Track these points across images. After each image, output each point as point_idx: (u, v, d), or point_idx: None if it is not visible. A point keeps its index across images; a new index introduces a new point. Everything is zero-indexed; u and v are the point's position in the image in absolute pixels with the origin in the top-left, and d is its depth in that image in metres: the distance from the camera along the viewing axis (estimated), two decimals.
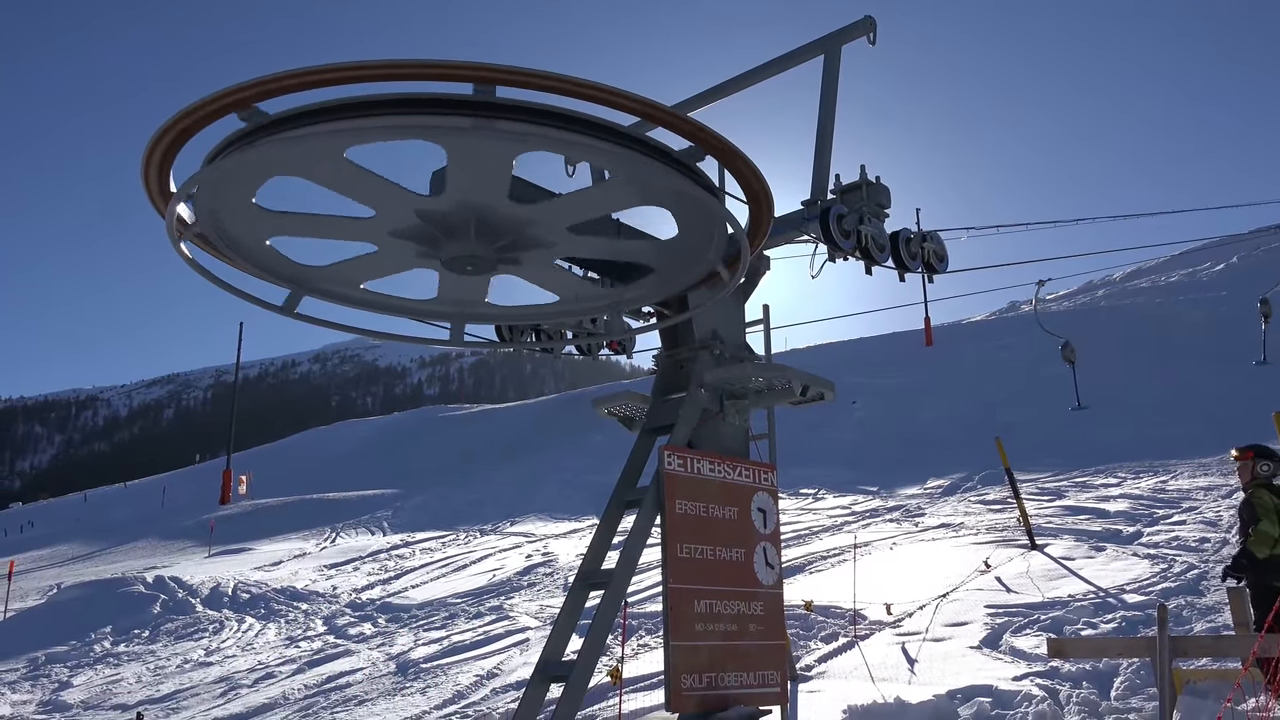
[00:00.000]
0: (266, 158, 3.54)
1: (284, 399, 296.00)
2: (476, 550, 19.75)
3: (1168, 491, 15.68)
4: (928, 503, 18.35)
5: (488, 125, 3.24)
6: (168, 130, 3.41)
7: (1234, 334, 29.78)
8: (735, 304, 5.63)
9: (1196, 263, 48.21)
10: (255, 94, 3.25)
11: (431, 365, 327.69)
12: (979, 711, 7.59)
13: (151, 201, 3.87)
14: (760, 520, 5.23)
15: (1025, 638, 9.38)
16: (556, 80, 3.13)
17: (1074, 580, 11.26)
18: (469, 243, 3.98)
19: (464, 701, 9.82)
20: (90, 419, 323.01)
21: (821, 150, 5.57)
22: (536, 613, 13.26)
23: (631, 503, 4.99)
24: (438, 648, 12.06)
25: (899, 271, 5.86)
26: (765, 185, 3.93)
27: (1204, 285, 40.05)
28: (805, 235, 5.55)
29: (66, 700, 12.00)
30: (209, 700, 11.10)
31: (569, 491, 26.81)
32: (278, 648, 13.34)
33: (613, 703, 8.68)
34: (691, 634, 4.69)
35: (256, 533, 27.08)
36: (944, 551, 13.77)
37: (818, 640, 10.41)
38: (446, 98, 3.23)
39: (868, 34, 5.86)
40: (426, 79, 3.15)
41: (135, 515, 41.03)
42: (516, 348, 6.06)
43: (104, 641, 14.95)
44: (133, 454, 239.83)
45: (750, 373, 5.35)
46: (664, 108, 3.39)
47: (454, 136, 3.34)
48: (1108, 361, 28.78)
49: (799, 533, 16.57)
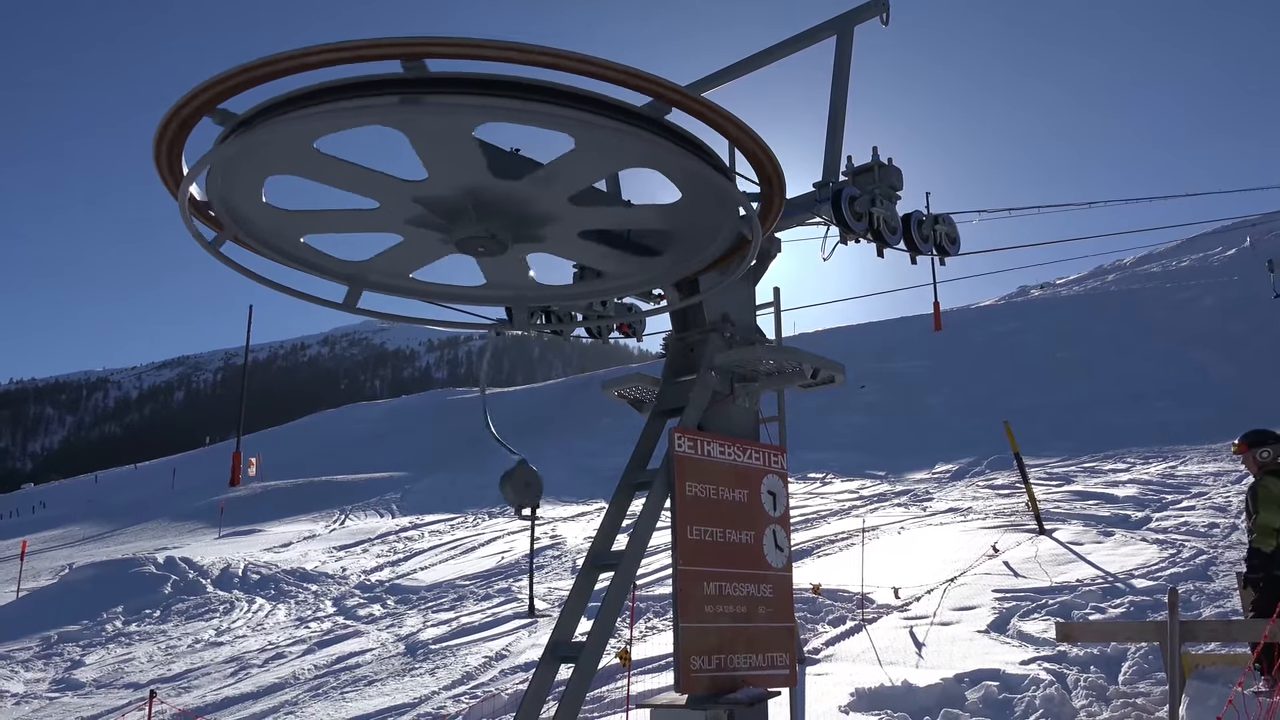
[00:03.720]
0: (251, 159, 3.55)
1: (293, 382, 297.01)
2: (485, 533, 19.84)
3: (1177, 476, 15.64)
4: (936, 487, 18.34)
5: (415, 100, 3.17)
6: (163, 132, 3.41)
7: (1245, 318, 29.64)
8: (746, 286, 5.60)
9: (1208, 247, 47.93)
10: (214, 96, 3.24)
11: (440, 349, 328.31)
12: (986, 695, 7.60)
13: (204, 222, 3.94)
14: (770, 503, 5.23)
15: (1033, 622, 9.39)
16: (485, 46, 3.01)
17: (1082, 565, 11.26)
18: (472, 224, 3.97)
19: (473, 682, 9.88)
20: (101, 401, 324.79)
21: (833, 132, 5.53)
22: (545, 595, 13.31)
23: (641, 485, 4.99)
24: (447, 629, 12.13)
25: (911, 254, 5.83)
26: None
27: (1215, 270, 39.83)
28: (816, 218, 5.52)
29: (79, 679, 12.11)
30: (220, 679, 11.19)
31: (578, 475, 26.87)
32: (288, 628, 13.44)
33: (622, 684, 8.72)
34: (701, 616, 4.69)
35: (266, 514, 27.22)
36: (952, 536, 13.77)
37: (825, 624, 10.43)
38: (374, 80, 3.15)
39: (880, 14, 5.81)
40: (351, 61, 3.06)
41: (146, 496, 41.27)
42: (526, 329, 6.04)
43: (115, 621, 15.07)
44: (143, 436, 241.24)
45: (761, 355, 5.33)
46: (609, 62, 3.16)
47: (397, 116, 3.28)
48: (1118, 346, 28.68)
49: (807, 516, 16.59)
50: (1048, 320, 36.20)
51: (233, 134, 3.38)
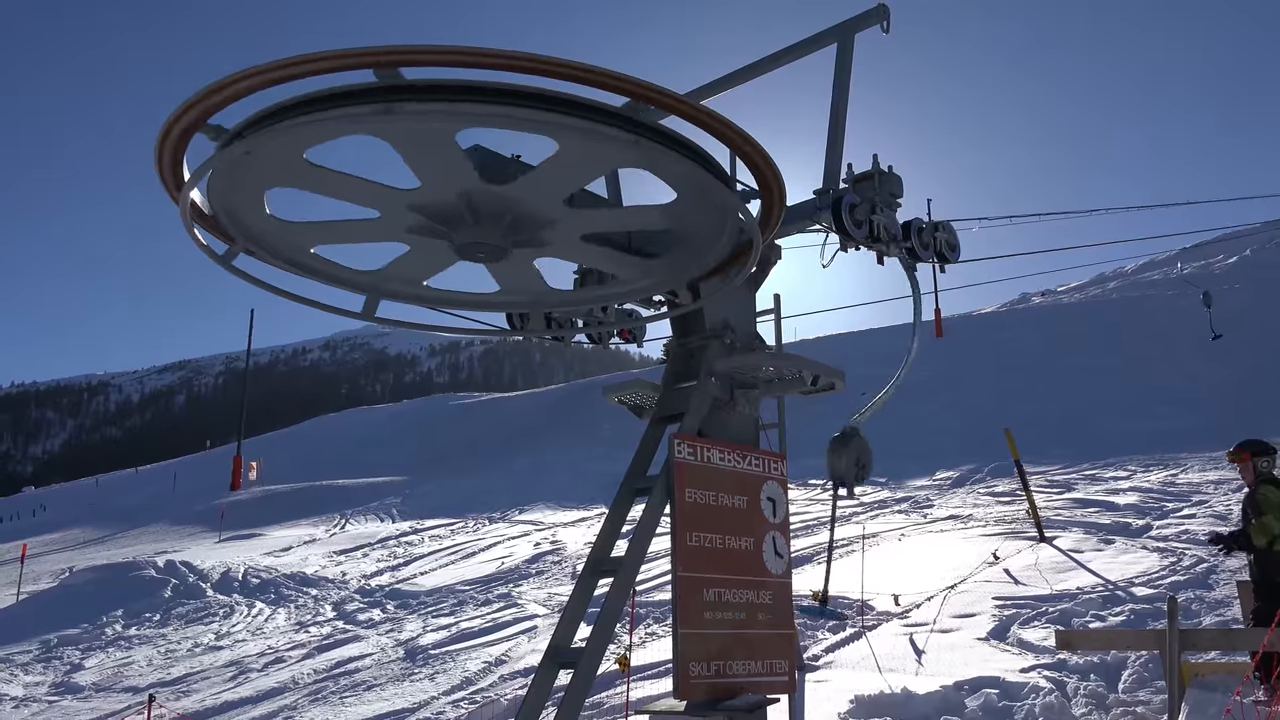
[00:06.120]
0: (249, 171, 3.57)
1: (294, 386, 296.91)
2: (485, 538, 19.83)
3: (1178, 485, 15.63)
4: (936, 494, 18.33)
5: (390, 109, 3.18)
6: (164, 139, 3.42)
7: (1246, 327, 29.62)
8: (747, 293, 5.61)
9: (1209, 255, 47.87)
10: (206, 110, 3.26)
11: (441, 354, 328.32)
12: (986, 703, 7.59)
13: (193, 237, 3.92)
14: (770, 510, 5.23)
15: (1033, 630, 9.38)
16: (459, 53, 3.02)
17: (1082, 573, 11.25)
18: (470, 229, 3.98)
19: (472, 688, 9.88)
20: (102, 404, 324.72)
21: (834, 139, 5.54)
22: (545, 600, 13.31)
23: (641, 491, 4.99)
24: (446, 634, 12.12)
25: (910, 262, 5.84)
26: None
27: (1217, 278, 39.76)
28: (817, 225, 5.53)
29: (78, 682, 12.10)
30: (219, 684, 11.18)
31: (578, 480, 26.85)
32: (287, 633, 13.43)
33: (621, 690, 8.71)
34: (700, 622, 4.69)
35: (267, 518, 27.22)
36: (952, 543, 13.76)
37: (825, 631, 10.42)
38: (353, 89, 3.15)
39: (881, 22, 5.82)
40: (330, 70, 3.07)
41: (146, 500, 41.28)
42: (527, 335, 6.05)
43: (115, 625, 15.06)
44: (144, 439, 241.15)
45: (761, 362, 5.34)
46: (585, 65, 3.17)
47: (378, 125, 3.29)
48: (1119, 354, 28.67)
49: (807, 523, 16.58)
50: (1049, 327, 36.19)
51: (226, 147, 3.40)
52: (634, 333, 6.96)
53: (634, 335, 7.01)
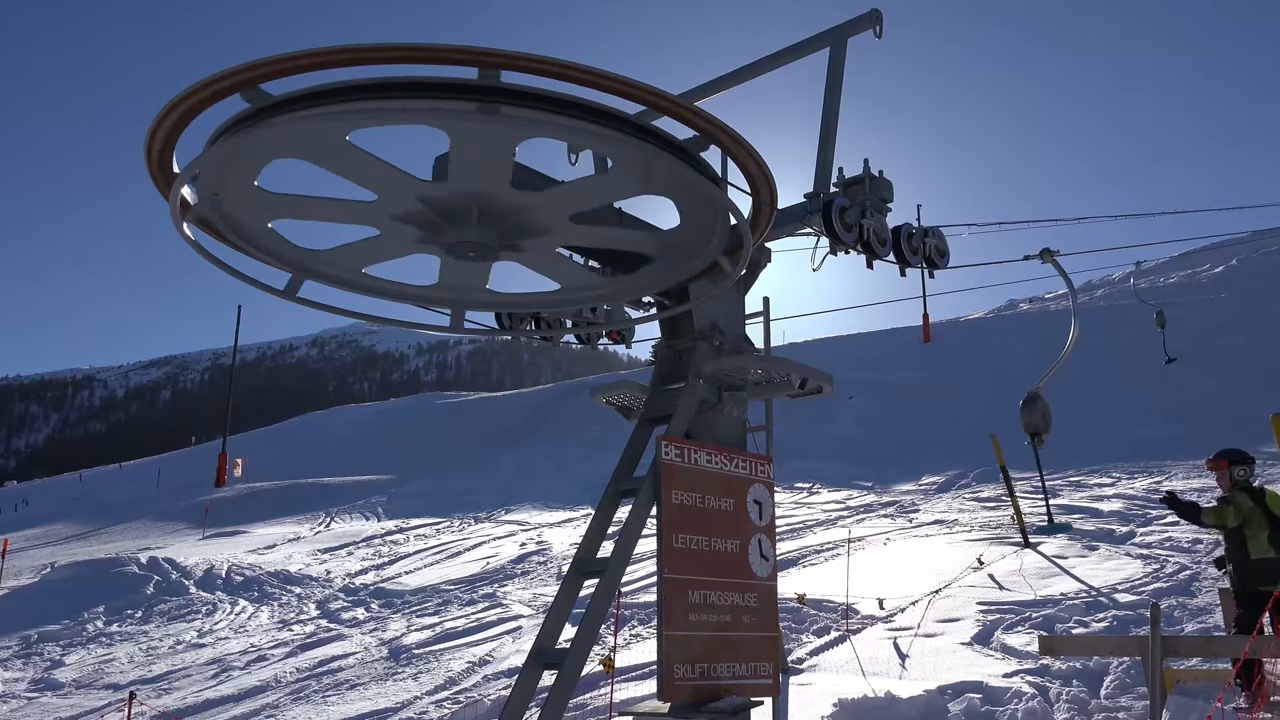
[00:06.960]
0: (269, 140, 3.52)
1: (281, 383, 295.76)
2: (471, 538, 19.77)
3: (1162, 492, 15.70)
4: (922, 499, 18.38)
5: (492, 110, 3.23)
6: (171, 110, 3.38)
7: (1233, 335, 29.81)
8: (736, 295, 5.62)
9: (1196, 264, 48.18)
10: (258, 75, 3.23)
11: (429, 352, 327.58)
12: (969, 708, 7.61)
13: (155, 183, 3.84)
14: (756, 512, 5.23)
15: (1016, 635, 9.41)
16: (562, 66, 3.12)
17: (1066, 579, 11.29)
18: (471, 229, 3.97)
19: (456, 688, 9.84)
20: (87, 399, 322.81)
21: (825, 143, 5.56)
22: (529, 601, 13.28)
23: (628, 492, 4.99)
24: (430, 634, 12.08)
25: (900, 266, 5.86)
26: (769, 175, 3.92)
27: (1203, 288, 40.00)
28: (807, 228, 5.54)
29: (58, 679, 12.01)
30: (201, 681, 11.11)
31: (565, 480, 26.81)
32: (270, 631, 13.36)
33: (605, 691, 8.70)
34: (685, 624, 4.69)
35: (251, 516, 27.07)
36: (937, 548, 13.80)
37: (810, 634, 10.43)
38: (451, 82, 3.22)
39: (874, 27, 5.85)
40: (431, 62, 3.13)
41: (130, 496, 41.02)
42: (516, 335, 6.05)
43: (97, 621, 14.96)
44: (129, 435, 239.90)
45: (749, 364, 5.35)
46: (671, 97, 3.36)
47: (458, 121, 3.32)
48: (1105, 361, 28.80)
49: (793, 526, 16.60)
50: (1037, 334, 36.32)
51: (265, 116, 3.36)
52: (622, 333, 6.96)
53: (623, 336, 7.01)
